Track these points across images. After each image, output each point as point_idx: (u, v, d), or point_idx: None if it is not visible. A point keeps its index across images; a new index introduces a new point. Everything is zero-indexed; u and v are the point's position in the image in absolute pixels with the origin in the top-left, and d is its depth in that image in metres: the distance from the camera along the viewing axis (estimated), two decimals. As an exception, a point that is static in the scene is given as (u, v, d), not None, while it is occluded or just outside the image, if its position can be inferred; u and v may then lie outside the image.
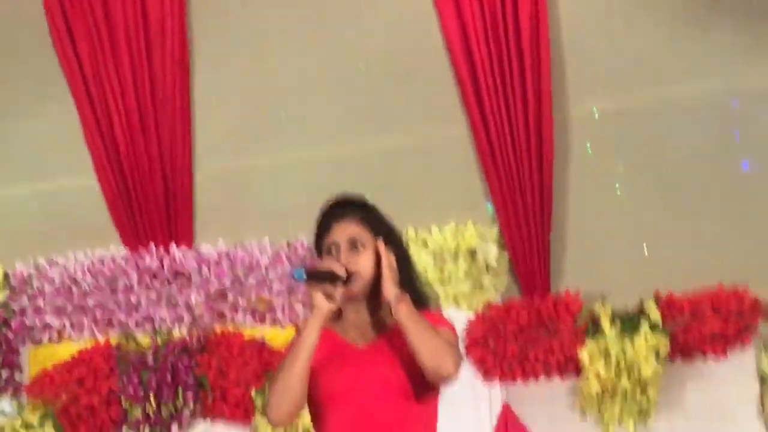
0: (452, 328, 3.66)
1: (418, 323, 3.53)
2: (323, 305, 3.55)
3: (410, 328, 3.52)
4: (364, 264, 3.61)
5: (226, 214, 6.80)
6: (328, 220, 3.66)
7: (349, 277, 3.58)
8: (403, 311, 3.53)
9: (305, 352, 3.55)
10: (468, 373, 6.39)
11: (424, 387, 3.60)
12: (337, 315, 3.67)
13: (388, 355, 3.60)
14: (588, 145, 6.63)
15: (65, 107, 6.75)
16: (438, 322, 3.63)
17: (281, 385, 3.55)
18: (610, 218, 6.60)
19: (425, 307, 3.65)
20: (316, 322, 3.55)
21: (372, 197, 3.71)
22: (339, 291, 3.55)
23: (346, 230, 3.63)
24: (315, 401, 3.63)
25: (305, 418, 6.20)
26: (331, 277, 3.55)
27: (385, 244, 3.64)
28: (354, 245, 3.62)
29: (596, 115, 6.59)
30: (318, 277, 3.56)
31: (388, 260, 3.61)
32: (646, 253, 6.53)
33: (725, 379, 6.31)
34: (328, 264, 3.58)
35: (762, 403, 6.29)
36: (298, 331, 3.68)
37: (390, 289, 3.58)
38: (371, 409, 3.55)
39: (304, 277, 3.52)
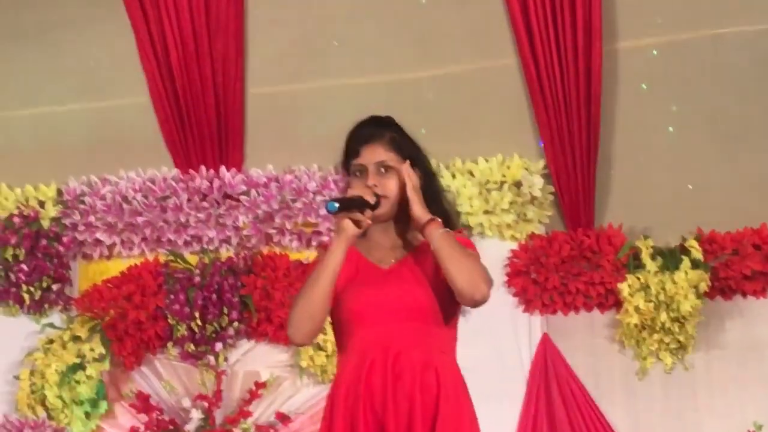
0: (476, 250, 3.68)
1: (453, 246, 3.57)
2: (349, 228, 3.61)
3: (444, 251, 3.55)
4: (391, 187, 3.66)
5: (276, 138, 6.83)
6: (357, 143, 3.70)
7: (378, 201, 3.66)
8: (436, 233, 3.57)
9: (329, 271, 3.59)
10: (509, 303, 6.46)
11: (447, 308, 3.64)
12: (363, 236, 3.71)
13: (412, 275, 3.65)
14: (644, 85, 6.60)
15: (120, 27, 6.77)
16: (464, 243, 3.67)
17: (304, 305, 3.61)
18: (657, 155, 6.59)
19: (452, 228, 3.68)
20: (341, 243, 3.61)
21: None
22: (367, 216, 3.61)
23: (374, 153, 3.67)
24: (338, 321, 3.69)
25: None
26: (360, 204, 3.61)
27: (411, 165, 3.68)
28: (382, 169, 3.68)
29: (653, 51, 6.55)
30: (348, 206, 3.61)
31: (413, 183, 3.65)
32: (690, 188, 6.52)
33: (764, 317, 6.33)
34: (359, 190, 3.63)
35: (800, 343, 6.32)
36: (320, 252, 3.74)
37: (419, 211, 3.62)
38: (394, 328, 3.59)
39: (337, 207, 3.56)
